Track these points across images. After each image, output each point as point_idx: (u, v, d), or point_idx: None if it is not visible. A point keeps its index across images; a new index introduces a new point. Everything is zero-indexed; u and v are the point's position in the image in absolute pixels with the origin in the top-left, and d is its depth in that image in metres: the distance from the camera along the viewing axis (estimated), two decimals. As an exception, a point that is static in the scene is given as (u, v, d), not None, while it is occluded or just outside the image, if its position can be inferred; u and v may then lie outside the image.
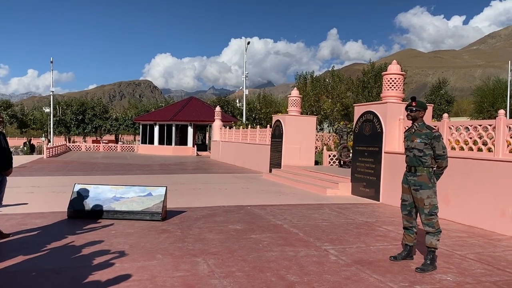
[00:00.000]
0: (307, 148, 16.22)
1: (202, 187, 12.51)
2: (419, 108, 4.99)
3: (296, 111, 16.50)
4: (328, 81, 45.41)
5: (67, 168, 19.12)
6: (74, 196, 7.61)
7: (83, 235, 6.27)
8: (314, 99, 41.52)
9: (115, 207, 7.43)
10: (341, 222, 7.65)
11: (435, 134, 4.90)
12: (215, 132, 28.01)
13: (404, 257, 5.23)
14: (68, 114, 50.18)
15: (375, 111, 10.52)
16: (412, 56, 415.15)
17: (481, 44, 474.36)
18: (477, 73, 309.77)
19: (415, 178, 4.99)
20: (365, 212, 8.73)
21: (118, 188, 7.80)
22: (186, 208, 8.62)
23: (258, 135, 19.80)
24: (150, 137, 35.86)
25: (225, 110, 45.18)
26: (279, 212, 8.51)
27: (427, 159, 4.93)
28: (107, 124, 51.69)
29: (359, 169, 11.10)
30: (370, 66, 46.37)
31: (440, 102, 48.00)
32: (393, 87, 10.40)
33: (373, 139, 10.53)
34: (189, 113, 34.99)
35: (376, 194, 10.38)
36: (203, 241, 6.06)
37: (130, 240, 6.05)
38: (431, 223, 4.89)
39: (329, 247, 5.86)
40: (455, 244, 6.14)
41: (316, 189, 11.75)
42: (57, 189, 11.40)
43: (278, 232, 6.72)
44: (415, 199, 5.01)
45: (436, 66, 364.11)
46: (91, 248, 5.60)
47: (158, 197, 7.50)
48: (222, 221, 7.50)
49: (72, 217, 7.44)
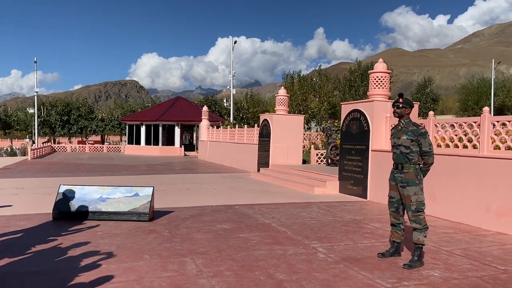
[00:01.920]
0: (295, 147, 16.25)
1: (190, 187, 12.44)
2: (406, 105, 5.02)
3: (283, 110, 16.51)
4: (315, 80, 45.60)
5: (52, 170, 18.85)
6: (59, 197, 7.49)
7: (69, 237, 6.18)
8: (302, 98, 41.65)
9: (101, 208, 7.34)
10: (329, 220, 7.66)
11: (421, 131, 4.94)
12: (203, 132, 27.90)
13: (392, 253, 5.25)
14: (53, 115, 49.48)
15: (362, 109, 10.57)
16: (398, 55, 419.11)
17: (465, 43, 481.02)
18: (462, 72, 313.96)
19: (402, 175, 5.01)
20: (353, 210, 8.76)
21: (104, 188, 7.71)
22: (173, 208, 8.56)
23: (245, 135, 19.78)
24: (137, 137, 35.59)
25: (213, 109, 45.06)
26: (267, 211, 8.50)
27: (413, 156, 4.96)
28: (92, 124, 51.11)
29: (347, 167, 11.15)
30: (356, 65, 46.72)
31: (426, 100, 48.58)
32: (380, 86, 10.46)
33: (360, 137, 10.58)
34: (176, 113, 34.79)
35: (363, 192, 10.43)
36: (191, 241, 6.02)
37: (116, 241, 5.97)
38: (418, 220, 4.92)
39: (317, 245, 5.86)
40: (442, 240, 6.20)
41: (304, 188, 11.77)
42: (41, 190, 11.22)
43: (266, 231, 6.71)
44: (402, 196, 5.03)
45: (421, 65, 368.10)
46: (77, 249, 5.51)
47: (145, 197, 7.42)
48: (210, 220, 7.46)
49: (57, 219, 7.32)
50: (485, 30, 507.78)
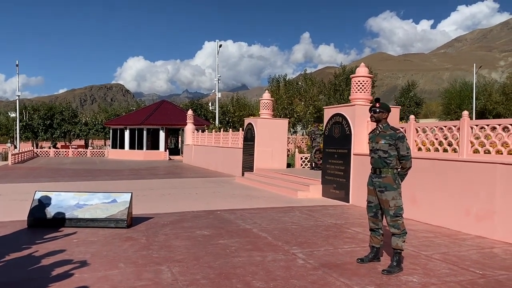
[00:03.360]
0: (279, 151, 16.20)
1: (172, 192, 12.29)
2: (383, 109, 5.00)
3: (268, 114, 16.46)
4: (300, 84, 45.80)
5: (33, 175, 18.48)
6: (34, 204, 7.30)
7: (43, 245, 6.01)
8: (287, 102, 41.79)
9: (78, 215, 7.17)
10: (310, 224, 7.61)
11: (399, 135, 4.91)
12: (188, 136, 27.71)
13: (371, 259, 5.21)
14: (36, 119, 48.71)
15: (344, 113, 10.57)
16: (383, 59, 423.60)
17: (448, 48, 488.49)
18: (445, 76, 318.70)
19: (380, 180, 4.98)
20: (335, 214, 8.73)
21: (81, 195, 7.54)
22: (153, 214, 8.42)
23: (230, 139, 19.68)
24: (121, 141, 35.20)
25: (198, 113, 44.87)
26: (249, 216, 8.41)
27: (392, 160, 4.93)
28: (76, 128, 50.44)
29: (329, 171, 11.14)
30: (341, 69, 47.06)
31: (409, 104, 49.12)
32: (361, 90, 10.48)
33: (342, 141, 10.58)
34: (160, 117, 34.53)
35: (346, 196, 10.42)
36: (169, 248, 5.90)
37: (92, 248, 5.83)
38: (396, 225, 4.89)
39: (297, 250, 5.80)
40: (422, 245, 6.19)
41: (287, 192, 11.72)
42: (19, 196, 10.96)
43: (246, 236, 6.62)
44: (381, 201, 5.00)
45: (406, 69, 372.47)
46: (51, 258, 5.35)
47: (123, 203, 7.28)
48: (189, 226, 7.34)
49: (32, 226, 7.14)
50: (467, 35, 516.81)
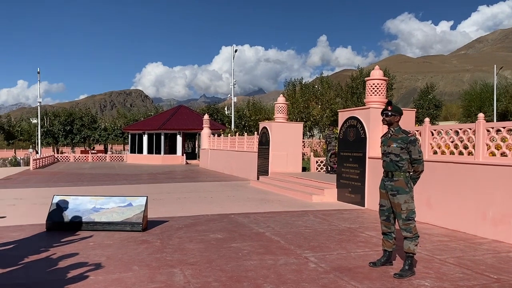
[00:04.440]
0: (294, 155, 16.19)
1: (188, 196, 12.41)
2: (395, 112, 4.98)
3: (282, 118, 16.48)
4: (317, 87, 45.65)
5: (53, 180, 18.88)
6: (53, 208, 7.48)
7: (61, 248, 6.15)
8: (304, 106, 41.67)
9: (95, 218, 7.31)
10: (324, 228, 7.60)
11: (411, 139, 4.89)
12: (204, 140, 27.91)
13: (384, 263, 5.19)
14: (56, 125, 49.74)
15: (359, 116, 10.53)
16: (402, 61, 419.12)
17: (468, 49, 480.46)
18: (466, 78, 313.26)
19: (392, 183, 4.96)
20: (349, 218, 8.69)
21: (98, 199, 7.69)
22: (168, 218, 8.52)
23: (245, 143, 19.75)
24: (139, 146, 35.64)
25: (215, 118, 45.14)
26: (262, 220, 8.44)
27: (403, 164, 4.91)
28: (95, 134, 51.30)
29: (344, 175, 11.08)
30: (358, 72, 46.73)
31: (428, 106, 48.43)
32: (376, 92, 10.42)
33: (357, 144, 10.53)
34: (178, 122, 34.87)
35: (361, 199, 10.36)
36: (182, 251, 5.97)
37: (107, 251, 5.94)
38: (408, 228, 4.85)
39: (309, 254, 5.80)
40: (436, 249, 6.12)
41: (302, 196, 11.70)
42: (39, 201, 11.22)
43: (259, 240, 6.65)
44: (393, 204, 4.98)
45: (425, 71, 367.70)
46: (67, 261, 5.48)
47: (139, 207, 7.40)
48: (203, 230, 7.41)
49: (51, 230, 7.31)
50: (489, 35, 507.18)
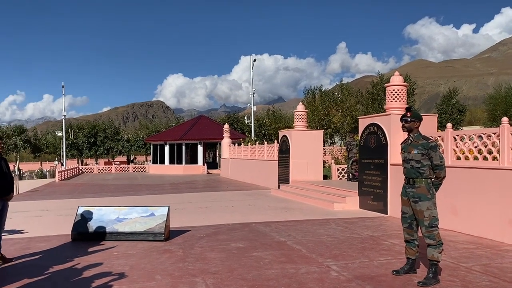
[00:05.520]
0: (315, 163, 16.11)
1: (209, 205, 12.48)
2: (414, 118, 4.93)
3: (302, 126, 16.46)
4: (337, 94, 45.45)
5: (78, 191, 19.27)
6: (77, 218, 7.64)
7: (85, 258, 6.27)
8: (324, 113, 41.52)
9: (118, 228, 7.43)
10: (346, 237, 7.53)
11: (431, 144, 4.83)
12: (224, 150, 28.07)
13: (407, 271, 5.10)
14: (80, 137, 50.85)
15: (379, 123, 10.44)
16: (423, 66, 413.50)
17: (492, 52, 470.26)
18: (490, 81, 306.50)
19: (414, 190, 4.90)
20: (372, 226, 8.58)
21: (121, 209, 7.82)
22: (190, 227, 8.59)
23: (266, 151, 19.78)
24: (161, 156, 36.10)
25: (235, 127, 45.37)
26: (283, 228, 8.42)
27: (425, 170, 4.85)
28: (118, 145, 52.20)
29: (366, 182, 10.98)
30: (379, 78, 46.33)
31: (451, 111, 47.56)
32: (397, 99, 10.33)
33: (379, 151, 10.43)
34: (198, 132, 35.20)
35: (384, 207, 10.23)
36: (204, 260, 6.01)
37: (131, 261, 6.03)
38: (432, 236, 4.77)
39: (331, 263, 5.75)
40: (462, 256, 5.99)
41: (323, 204, 11.63)
42: (64, 212, 11.47)
43: (280, 249, 6.64)
44: (415, 211, 4.91)
45: (447, 75, 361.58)
46: (92, 270, 5.58)
47: (161, 217, 7.48)
48: (225, 239, 7.44)
49: (76, 240, 7.46)
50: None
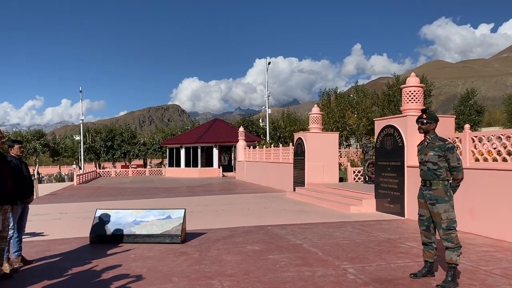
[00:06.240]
0: (330, 165, 16.04)
1: (225, 208, 12.53)
2: (430, 120, 4.89)
3: (317, 128, 16.41)
4: (352, 96, 45.19)
5: (96, 194, 19.53)
6: (95, 221, 7.75)
7: (104, 260, 6.36)
8: (339, 115, 41.30)
9: (135, 231, 7.52)
10: (362, 239, 7.47)
11: (448, 146, 4.78)
12: (239, 152, 28.14)
13: (425, 274, 5.05)
14: (98, 141, 51.56)
15: (395, 124, 10.36)
16: (440, 67, 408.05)
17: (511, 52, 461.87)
18: (510, 81, 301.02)
19: (431, 192, 4.85)
20: (389, 229, 8.51)
21: (138, 212, 7.91)
22: (206, 230, 8.64)
23: (281, 154, 19.77)
24: (177, 160, 36.36)
25: (250, 130, 45.42)
26: (299, 231, 8.40)
27: (442, 172, 4.79)
28: (135, 149, 52.76)
29: (383, 184, 10.89)
30: (395, 80, 45.91)
31: (469, 112, 46.88)
32: (413, 100, 10.24)
33: (395, 153, 10.34)
34: (213, 135, 35.37)
35: (401, 209, 10.13)
36: (220, 263, 6.04)
37: (148, 263, 6.09)
38: (449, 238, 4.72)
39: (348, 265, 5.73)
40: (481, 259, 5.89)
41: (339, 207, 11.57)
42: (83, 215, 11.64)
43: (296, 252, 6.63)
44: (432, 214, 4.86)
45: (465, 76, 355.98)
46: (110, 272, 5.66)
47: (177, 219, 7.55)
48: (240, 242, 7.46)
49: (94, 242, 7.57)
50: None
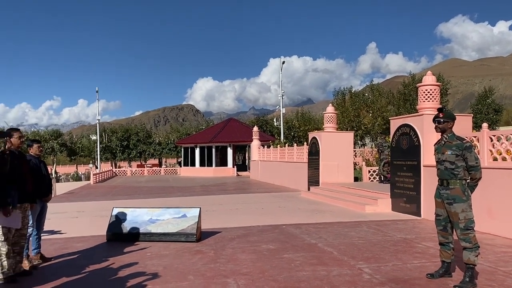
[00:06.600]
0: (345, 165, 15.94)
1: (240, 207, 12.56)
2: (447, 119, 4.83)
3: (332, 128, 16.34)
4: (367, 95, 44.86)
5: (112, 193, 19.76)
6: (112, 219, 7.85)
7: (120, 258, 6.43)
8: (354, 114, 41.04)
9: (151, 230, 7.59)
10: (378, 239, 7.42)
11: (466, 145, 4.72)
12: (254, 152, 28.17)
13: (442, 274, 4.99)
14: (114, 141, 52.15)
15: (412, 124, 10.26)
16: (457, 65, 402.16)
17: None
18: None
19: (448, 192, 4.79)
20: (405, 229, 8.43)
21: (154, 210, 7.99)
22: (221, 229, 8.67)
23: (295, 153, 19.72)
24: (192, 159, 36.55)
25: (264, 129, 45.43)
26: (314, 230, 8.38)
27: (459, 171, 4.73)
28: (150, 148, 53.23)
29: (399, 184, 10.79)
30: (410, 78, 45.41)
31: (487, 111, 46.12)
32: (429, 99, 10.13)
33: (411, 152, 10.24)
34: (228, 134, 35.46)
35: (417, 209, 10.03)
36: (235, 261, 6.06)
37: (164, 261, 6.14)
38: (467, 238, 4.65)
39: (363, 265, 5.69)
40: (500, 260, 5.80)
41: (354, 206, 11.50)
42: (100, 213, 11.79)
43: (311, 251, 6.61)
44: (449, 213, 4.80)
45: (482, 74, 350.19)
46: (126, 270, 5.72)
47: (193, 218, 7.60)
48: (255, 241, 7.47)
49: (110, 240, 7.66)
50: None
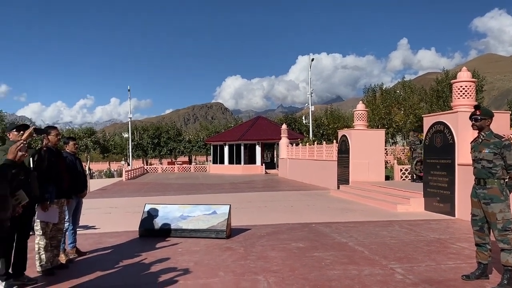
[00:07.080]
0: (376, 163, 15.69)
1: (268, 204, 12.57)
2: (484, 116, 4.68)
3: (362, 125, 16.11)
4: (399, 92, 44.01)
5: (143, 190, 20.16)
6: (144, 215, 8.01)
7: (152, 253, 6.56)
8: (385, 112, 40.35)
9: (182, 226, 7.70)
10: (410, 239, 7.28)
11: (505, 143, 4.55)
12: (282, 150, 28.12)
13: (478, 276, 4.85)
14: (145, 138, 53.18)
15: (446, 121, 9.99)
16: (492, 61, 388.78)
17: None
18: None
19: (485, 191, 4.65)
20: (438, 229, 8.23)
21: (185, 207, 8.10)
22: (251, 226, 8.71)
23: (324, 151, 19.57)
24: (221, 157, 36.86)
25: (292, 127, 45.29)
26: (344, 229, 8.30)
27: (497, 170, 4.58)
28: (180, 146, 53.99)
29: (432, 183, 10.54)
30: (444, 75, 44.26)
31: (526, 108, 44.39)
32: (464, 95, 9.85)
33: (445, 151, 9.98)
34: (256, 132, 35.54)
35: (451, 209, 9.77)
36: (265, 258, 6.07)
37: (195, 257, 6.22)
38: (505, 240, 4.50)
39: (395, 265, 5.59)
40: (540, 263, 5.57)
41: (385, 205, 11.31)
42: (132, 209, 12.06)
43: (342, 250, 6.55)
44: (486, 214, 4.66)
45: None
46: (158, 265, 5.83)
47: (223, 215, 7.66)
48: (285, 238, 7.47)
49: (143, 236, 7.82)
50: None
